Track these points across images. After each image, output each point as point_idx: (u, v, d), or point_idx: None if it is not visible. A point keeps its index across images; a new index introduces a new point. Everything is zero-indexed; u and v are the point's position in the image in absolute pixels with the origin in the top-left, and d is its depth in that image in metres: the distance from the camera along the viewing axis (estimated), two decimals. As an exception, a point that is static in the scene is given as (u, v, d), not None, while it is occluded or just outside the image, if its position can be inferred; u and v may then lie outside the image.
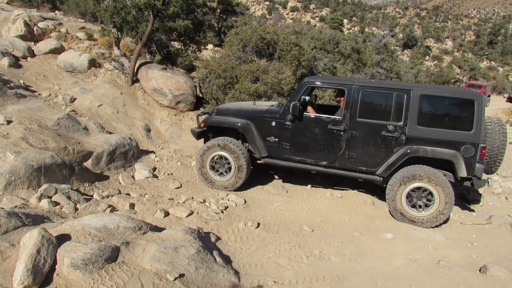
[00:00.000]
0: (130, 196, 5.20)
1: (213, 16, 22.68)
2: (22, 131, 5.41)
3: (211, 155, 5.97)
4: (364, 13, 67.60)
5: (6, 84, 7.25)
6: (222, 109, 6.40)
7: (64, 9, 17.56)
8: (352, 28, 55.03)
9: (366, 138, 5.59)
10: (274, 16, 47.84)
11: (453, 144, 5.31)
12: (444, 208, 5.30)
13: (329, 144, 5.75)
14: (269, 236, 4.61)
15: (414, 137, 5.42)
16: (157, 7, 7.82)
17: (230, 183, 5.98)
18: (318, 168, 5.91)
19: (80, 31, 11.32)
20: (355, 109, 5.60)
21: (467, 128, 5.30)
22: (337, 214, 5.55)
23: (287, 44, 9.36)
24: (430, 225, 5.39)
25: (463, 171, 5.25)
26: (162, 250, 3.32)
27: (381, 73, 18.18)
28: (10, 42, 9.46)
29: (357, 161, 5.70)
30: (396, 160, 5.47)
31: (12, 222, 3.30)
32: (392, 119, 5.49)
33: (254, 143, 5.98)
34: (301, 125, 5.82)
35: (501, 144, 5.65)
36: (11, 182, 4.49)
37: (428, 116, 5.46)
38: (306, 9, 64.88)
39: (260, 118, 6.00)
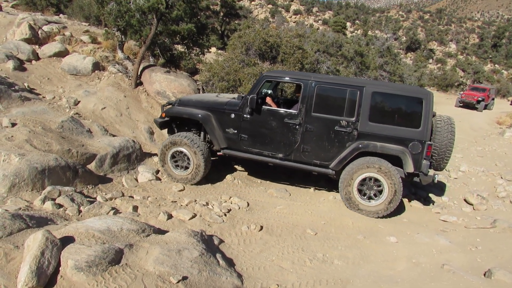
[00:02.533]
0: (133, 198, 5.21)
1: (216, 19, 22.79)
2: (27, 134, 5.44)
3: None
4: (367, 16, 67.63)
5: (11, 87, 7.30)
6: (184, 100, 6.51)
7: (68, 13, 17.69)
8: (355, 31, 55.05)
9: (320, 132, 5.76)
10: (277, 19, 47.94)
11: (401, 140, 5.51)
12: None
13: (285, 137, 5.89)
14: (272, 239, 4.60)
15: (366, 133, 5.61)
16: (161, 10, 7.86)
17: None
18: (275, 160, 6.04)
19: (84, 35, 11.39)
20: (310, 103, 5.75)
21: (415, 125, 5.49)
22: (340, 217, 5.54)
23: (290, 47, 9.38)
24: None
25: (410, 166, 5.46)
26: (165, 253, 3.32)
27: (384, 76, 18.16)
28: (15, 45, 9.52)
29: (311, 155, 5.87)
30: (348, 155, 5.67)
31: (16, 224, 3.31)
32: (345, 114, 5.66)
33: (213, 135, 6.10)
34: (259, 117, 5.96)
35: (449, 142, 5.82)
36: (16, 184, 4.51)
37: (379, 112, 5.63)
38: (309, 12, 64.98)
39: (220, 110, 6.11)
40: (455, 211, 6.61)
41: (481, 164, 10.03)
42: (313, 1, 70.82)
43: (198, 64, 11.21)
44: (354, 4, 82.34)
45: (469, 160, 10.50)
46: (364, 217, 5.60)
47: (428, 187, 7.46)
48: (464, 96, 25.11)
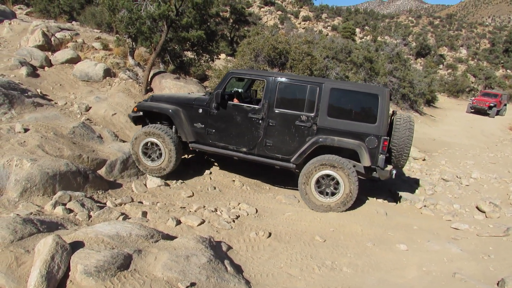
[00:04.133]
0: (143, 204, 5.24)
1: (225, 26, 22.95)
2: (39, 139, 5.52)
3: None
4: (377, 22, 67.44)
5: (24, 93, 7.43)
6: (156, 97, 6.81)
7: (80, 20, 17.99)
8: (364, 37, 54.91)
9: (281, 127, 5.94)
10: (286, 26, 48.07)
11: (358, 135, 5.70)
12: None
13: (249, 132, 6.09)
14: (281, 246, 4.58)
15: (324, 128, 5.79)
16: (171, 17, 7.96)
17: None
18: (239, 154, 6.22)
19: (95, 41, 11.56)
20: (272, 99, 5.95)
21: (372, 121, 5.67)
22: (349, 224, 5.49)
23: (299, 54, 9.40)
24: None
25: (366, 160, 5.62)
26: (173, 259, 3.33)
27: (394, 82, 18.08)
28: (29, 52, 9.71)
29: (273, 149, 6.04)
30: (307, 149, 5.83)
31: (27, 228, 3.35)
32: (305, 110, 5.86)
33: (182, 128, 6.30)
34: (225, 112, 6.16)
35: (407, 138, 5.98)
36: (27, 189, 4.57)
37: (337, 108, 5.83)
38: (318, 19, 65.04)
39: (188, 105, 6.33)
40: (467, 218, 6.51)
41: (493, 171, 9.89)
42: (322, 7, 70.86)
43: (208, 71, 11.29)
44: (363, 10, 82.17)
45: (481, 167, 10.36)
46: (373, 225, 5.55)
47: (402, 185, 7.72)
48: (475, 102, 24.81)
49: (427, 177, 8.85)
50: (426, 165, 10.18)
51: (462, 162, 10.88)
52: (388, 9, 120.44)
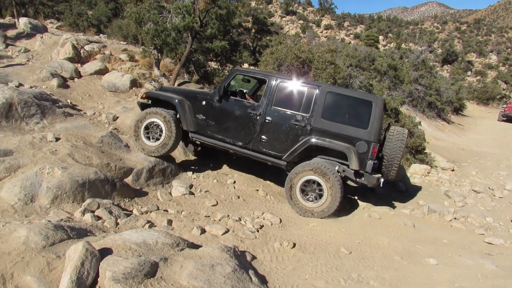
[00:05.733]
0: (168, 212, 5.30)
1: (248, 35, 23.17)
2: (69, 148, 5.70)
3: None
4: (400, 29, 66.46)
5: (55, 104, 7.71)
6: (165, 87, 7.23)
7: (108, 33, 18.60)
8: (388, 44, 54.21)
9: (277, 125, 6.17)
10: (308, 35, 48.08)
11: (349, 139, 5.85)
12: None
13: (246, 127, 6.32)
14: (305, 257, 4.53)
15: (318, 129, 5.98)
16: (195, 29, 8.11)
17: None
18: (235, 147, 6.45)
19: (122, 53, 11.91)
20: (272, 97, 6.22)
21: (364, 126, 5.83)
22: (375, 236, 5.38)
23: (322, 63, 9.37)
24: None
25: (354, 164, 5.73)
26: (199, 268, 3.34)
27: (420, 90, 17.72)
28: (59, 64, 10.09)
29: (268, 145, 6.25)
30: (298, 147, 6.02)
31: (58, 234, 3.45)
32: (302, 110, 6.09)
33: (184, 118, 6.57)
34: (226, 106, 6.46)
35: (398, 150, 6.18)
36: (58, 196, 4.71)
37: (332, 111, 6.00)
38: (340, 27, 64.78)
39: (193, 97, 6.67)
40: (501, 232, 6.24)
41: (528, 182, 9.48)
42: (344, 15, 70.58)
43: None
44: (386, 17, 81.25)
45: (514, 178, 9.95)
46: (401, 237, 5.41)
47: (429, 196, 7.56)
48: (507, 109, 23.92)
49: (457, 188, 8.57)
50: (455, 175, 9.87)
51: (495, 173, 10.48)
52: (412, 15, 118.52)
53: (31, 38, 13.15)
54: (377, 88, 12.08)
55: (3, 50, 11.26)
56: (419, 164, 9.57)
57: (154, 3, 8.32)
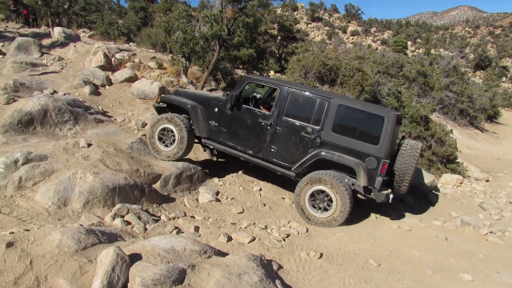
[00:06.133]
0: (195, 219, 5.34)
1: (273, 43, 23.25)
2: (100, 154, 5.86)
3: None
4: (430, 34, 64.94)
5: (87, 110, 7.97)
6: (180, 91, 7.24)
7: (137, 41, 19.11)
8: (416, 50, 53.06)
9: (287, 136, 6.12)
10: (334, 41, 47.75)
11: (359, 154, 5.72)
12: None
13: (257, 136, 6.31)
14: (333, 268, 4.44)
15: (327, 142, 5.89)
16: (223, 37, 8.21)
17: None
18: (245, 155, 6.45)
19: (151, 61, 12.20)
20: (282, 108, 6.14)
21: (374, 142, 5.68)
22: (405, 248, 5.22)
23: (349, 70, 9.26)
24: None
25: (363, 180, 5.62)
26: (226, 276, 3.33)
27: (451, 97, 17.21)
28: (91, 72, 10.45)
29: (277, 155, 6.22)
30: (307, 160, 5.95)
31: (90, 239, 3.53)
32: (312, 122, 6.00)
33: (197, 123, 6.63)
34: (238, 114, 6.45)
35: (410, 165, 6.02)
36: (89, 200, 4.84)
37: (342, 125, 5.88)
38: (366, 33, 64.01)
39: (206, 103, 6.68)
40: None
41: None
42: (371, 21, 69.74)
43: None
44: (415, 22, 79.58)
45: (554, 190, 9.44)
46: (433, 250, 5.22)
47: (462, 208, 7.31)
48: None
49: (492, 200, 8.20)
50: (490, 186, 9.47)
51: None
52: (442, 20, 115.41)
53: (64, 47, 13.69)
54: (406, 95, 11.81)
55: (38, 58, 11.76)
56: (450, 174, 9.25)
57: (183, 12, 8.50)
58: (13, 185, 4.91)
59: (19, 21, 20.30)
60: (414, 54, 36.32)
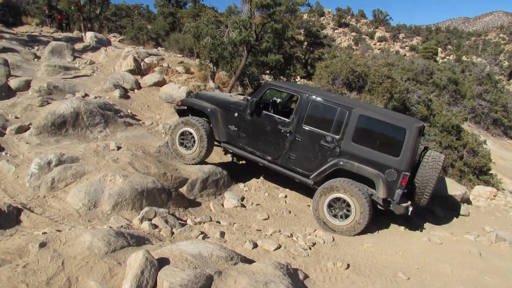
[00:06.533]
0: (220, 224, 5.34)
1: (299, 48, 23.18)
2: (129, 157, 5.96)
3: (179, 132, 6.71)
4: (461, 41, 63.19)
5: (117, 113, 8.14)
6: (201, 94, 7.24)
7: (165, 46, 19.48)
8: (447, 57, 51.72)
9: (307, 144, 6.05)
10: (361, 47, 47.21)
11: (379, 165, 5.61)
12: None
13: (276, 142, 6.27)
14: (360, 280, 4.33)
15: (347, 152, 5.79)
16: (251, 43, 8.23)
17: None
18: (264, 161, 6.42)
19: (179, 65, 12.39)
20: (302, 115, 6.07)
21: (395, 154, 5.56)
22: (436, 262, 5.03)
23: (378, 77, 9.09)
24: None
25: (382, 192, 5.55)
26: (252, 284, 3.30)
27: (484, 106, 16.62)
28: (121, 76, 10.70)
29: (296, 163, 6.16)
30: (326, 169, 5.90)
31: (119, 241, 3.58)
32: (332, 131, 5.90)
33: (216, 127, 6.65)
34: (257, 120, 6.41)
35: (431, 178, 5.87)
36: (118, 203, 4.93)
37: (363, 135, 5.76)
38: (395, 39, 62.95)
39: (226, 107, 6.67)
40: None
41: None
42: (400, 27, 68.51)
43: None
44: (445, 28, 77.62)
45: None
46: (465, 266, 5.01)
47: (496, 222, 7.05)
48: None
49: (530, 214, 7.82)
50: (525, 200, 9.04)
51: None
52: (475, 26, 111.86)
53: (96, 51, 14.12)
54: (436, 103, 11.48)
55: (71, 62, 12.17)
56: (483, 186, 8.89)
57: (212, 18, 8.59)
58: (46, 186, 5.06)
59: (53, 26, 21.11)
60: (445, 61, 35.40)
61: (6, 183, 5.11)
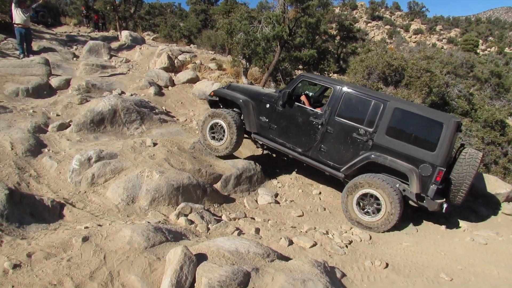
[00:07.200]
0: (255, 220, 5.33)
1: (332, 42, 22.78)
2: (165, 153, 6.06)
3: (209, 124, 6.79)
4: (504, 32, 59.96)
5: (152, 110, 8.30)
6: (233, 86, 7.30)
7: (197, 43, 19.68)
8: (488, 49, 49.31)
9: (339, 136, 5.96)
10: (396, 40, 45.81)
11: (413, 160, 5.47)
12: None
13: (307, 134, 6.21)
14: (400, 280, 4.19)
15: (380, 145, 5.67)
16: (284, 38, 8.14)
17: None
18: (294, 153, 6.37)
19: (211, 62, 12.47)
20: (335, 107, 5.99)
21: (431, 148, 5.41)
22: (481, 263, 4.79)
23: (416, 71, 8.76)
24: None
25: (415, 187, 5.42)
26: (290, 282, 3.25)
27: (530, 100, 15.70)
28: (156, 73, 10.90)
29: (327, 155, 6.09)
30: (357, 162, 5.79)
31: (158, 237, 3.63)
32: (365, 124, 5.80)
33: (247, 118, 6.66)
34: (289, 111, 6.36)
35: (468, 175, 5.65)
36: (155, 198, 5.01)
37: (397, 128, 5.66)
38: (431, 31, 60.65)
39: (258, 99, 6.68)
40: None
41: None
42: (437, 18, 65.91)
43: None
44: (486, 19, 73.96)
45: None
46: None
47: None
48: None
49: None
50: None
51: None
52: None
53: (131, 50, 14.48)
54: (478, 97, 10.95)
55: (107, 60, 12.55)
56: (531, 184, 8.39)
57: (245, 13, 8.57)
58: (86, 181, 5.22)
59: (90, 26, 21.87)
60: (486, 54, 33.74)
61: (49, 179, 5.31)
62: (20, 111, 6.94)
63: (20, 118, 6.66)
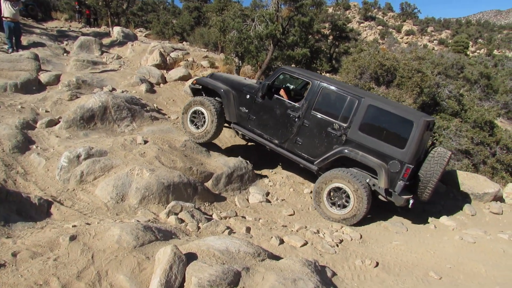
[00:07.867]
0: (246, 219, 5.31)
1: (324, 42, 22.83)
2: (156, 151, 6.00)
3: (191, 111, 6.93)
4: (492, 34, 60.74)
5: (144, 108, 8.21)
6: (216, 75, 7.40)
7: (190, 40, 19.56)
8: (477, 51, 49.87)
9: (314, 130, 6.10)
10: (388, 41, 46.08)
11: (383, 156, 5.64)
12: (359, 203, 5.61)
13: (284, 127, 6.34)
14: (390, 279, 4.21)
15: (353, 140, 5.83)
16: (277, 36, 8.12)
17: (203, 134, 6.82)
18: (271, 145, 6.51)
19: (203, 60, 12.40)
20: (312, 101, 6.12)
21: (400, 145, 5.56)
22: (469, 262, 4.83)
23: (408, 71, 8.81)
24: (353, 222, 5.69)
25: (383, 182, 5.57)
26: (281, 281, 3.24)
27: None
28: (147, 70, 10.79)
29: (302, 148, 6.23)
30: (330, 156, 5.96)
31: (147, 235, 3.59)
32: (340, 119, 5.94)
33: (228, 108, 6.76)
34: (268, 103, 6.49)
35: (435, 173, 5.83)
36: (145, 197, 4.96)
37: (370, 125, 5.79)
38: (423, 32, 61.15)
39: (239, 89, 6.80)
40: None
41: None
42: (428, 20, 66.47)
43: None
44: (476, 21, 74.79)
45: None
46: (500, 266, 4.79)
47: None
48: None
49: None
50: None
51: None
52: (507, 19, 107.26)
53: (123, 46, 14.32)
54: (468, 98, 11.07)
55: (98, 57, 12.38)
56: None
57: (238, 11, 8.53)
58: (75, 179, 5.14)
59: (82, 21, 21.58)
60: (475, 55, 34.13)
61: (37, 176, 5.23)
62: (8, 107, 6.81)
63: (8, 114, 6.54)
